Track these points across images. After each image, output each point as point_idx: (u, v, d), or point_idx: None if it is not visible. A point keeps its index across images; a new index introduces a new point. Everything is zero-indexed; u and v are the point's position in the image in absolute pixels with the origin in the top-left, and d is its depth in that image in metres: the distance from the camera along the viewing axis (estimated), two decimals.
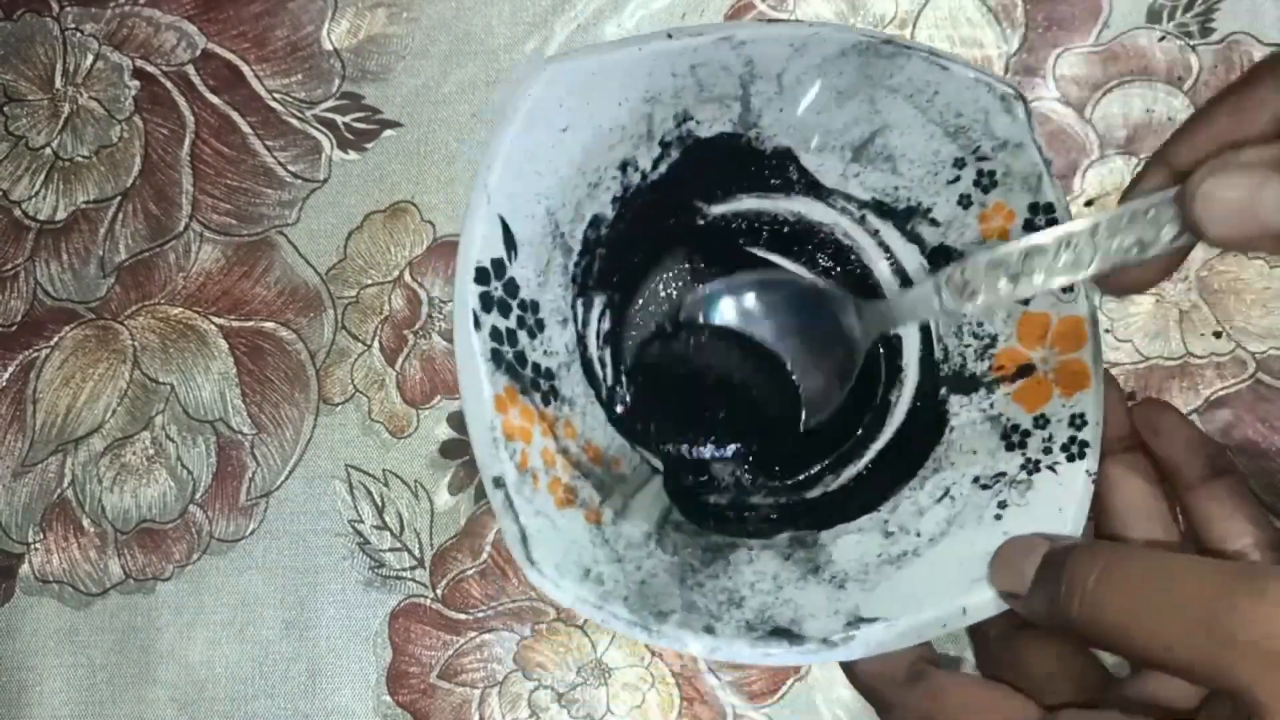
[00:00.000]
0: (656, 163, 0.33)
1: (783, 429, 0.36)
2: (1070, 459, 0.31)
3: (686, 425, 0.35)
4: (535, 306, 0.31)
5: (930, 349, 0.35)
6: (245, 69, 0.42)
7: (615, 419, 0.35)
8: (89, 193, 0.42)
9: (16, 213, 0.42)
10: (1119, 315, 0.40)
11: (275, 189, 0.41)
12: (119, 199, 0.42)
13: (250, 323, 0.41)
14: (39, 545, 0.40)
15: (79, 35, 0.42)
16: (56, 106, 0.42)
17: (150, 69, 0.42)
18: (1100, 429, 0.31)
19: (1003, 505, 0.31)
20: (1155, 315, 0.39)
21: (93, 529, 0.40)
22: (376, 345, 0.41)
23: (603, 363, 0.35)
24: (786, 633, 0.29)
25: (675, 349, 0.36)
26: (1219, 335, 0.39)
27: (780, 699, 0.39)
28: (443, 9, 0.42)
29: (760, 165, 0.35)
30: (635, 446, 0.35)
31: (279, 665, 0.40)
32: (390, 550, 0.40)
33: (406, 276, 0.41)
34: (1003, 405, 0.33)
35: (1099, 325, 0.32)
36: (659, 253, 0.37)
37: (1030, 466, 0.32)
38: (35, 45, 0.42)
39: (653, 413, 0.35)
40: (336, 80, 0.42)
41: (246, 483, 0.40)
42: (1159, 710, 0.29)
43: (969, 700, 0.30)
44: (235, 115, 0.42)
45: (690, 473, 0.36)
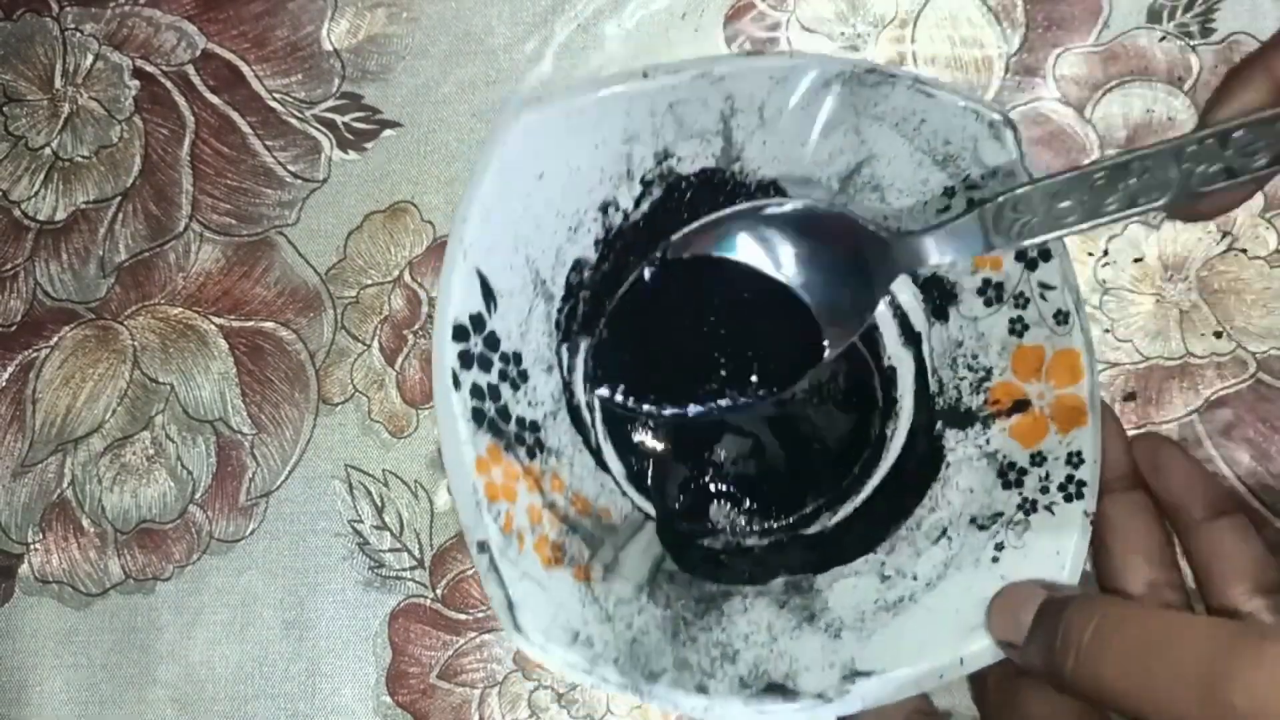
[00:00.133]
0: (638, 202, 0.33)
1: (797, 365, 0.33)
2: (1068, 499, 0.30)
3: (696, 376, 0.33)
4: (518, 358, 0.31)
5: (925, 381, 0.35)
6: (245, 69, 0.42)
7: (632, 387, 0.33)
8: (89, 193, 0.42)
9: (16, 213, 0.42)
10: (1119, 315, 0.39)
11: (275, 189, 0.41)
12: (119, 199, 0.42)
13: (250, 323, 0.41)
14: (39, 545, 0.40)
15: (79, 35, 0.42)
16: (56, 106, 0.42)
17: (150, 69, 0.42)
18: (1098, 468, 0.30)
19: (1000, 548, 0.31)
20: (1155, 315, 0.39)
21: (92, 529, 0.40)
22: (376, 345, 0.41)
23: (590, 408, 0.35)
24: (781, 688, 0.29)
25: (674, 291, 0.33)
26: (1219, 335, 0.39)
27: None
28: (443, 9, 0.42)
29: (745, 199, 0.34)
30: (625, 494, 0.34)
31: (279, 665, 0.40)
32: (390, 550, 0.40)
33: (406, 276, 0.41)
34: (999, 441, 0.32)
35: (1095, 359, 0.31)
36: None
37: (1027, 506, 0.31)
38: (35, 45, 0.42)
39: (662, 371, 0.33)
40: (336, 80, 0.42)
41: (246, 483, 0.40)
42: None
43: None
44: (235, 115, 0.42)
45: (685, 510, 0.35)
